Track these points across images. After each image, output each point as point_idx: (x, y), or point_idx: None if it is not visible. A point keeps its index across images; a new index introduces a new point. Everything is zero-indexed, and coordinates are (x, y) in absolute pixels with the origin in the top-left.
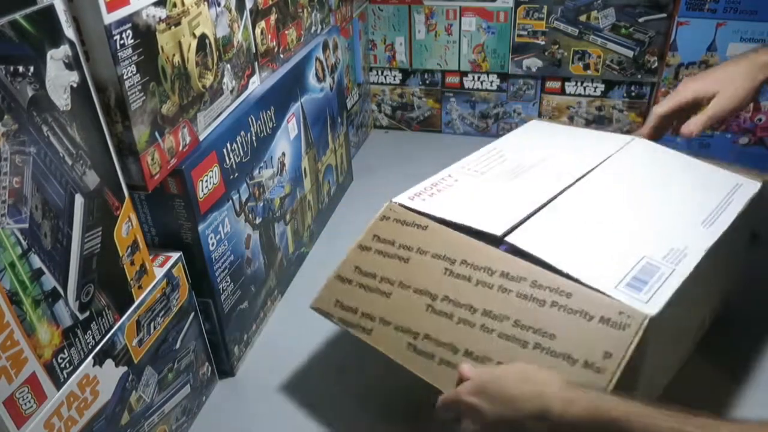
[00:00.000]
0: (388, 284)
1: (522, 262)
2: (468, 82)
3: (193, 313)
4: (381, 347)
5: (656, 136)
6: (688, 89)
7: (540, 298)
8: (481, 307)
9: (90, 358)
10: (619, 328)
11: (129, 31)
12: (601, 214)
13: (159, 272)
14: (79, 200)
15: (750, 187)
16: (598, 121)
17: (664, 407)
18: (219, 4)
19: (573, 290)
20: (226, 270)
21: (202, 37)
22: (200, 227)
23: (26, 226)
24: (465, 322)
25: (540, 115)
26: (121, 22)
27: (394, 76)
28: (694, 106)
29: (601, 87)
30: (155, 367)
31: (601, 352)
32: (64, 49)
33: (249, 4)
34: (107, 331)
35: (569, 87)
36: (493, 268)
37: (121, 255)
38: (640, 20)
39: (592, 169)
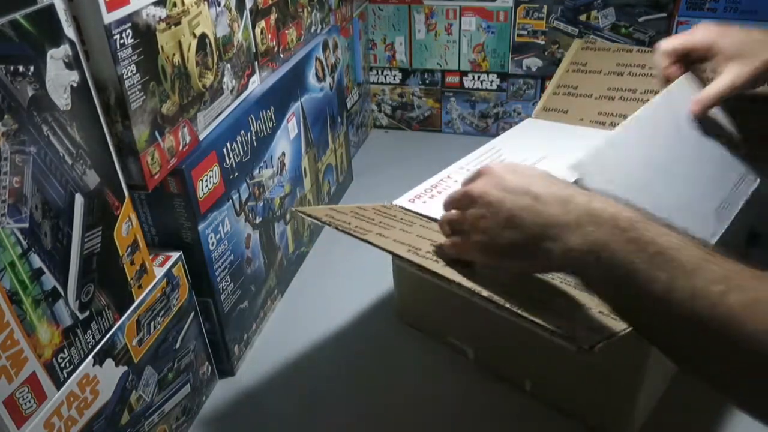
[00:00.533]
0: (387, 228)
1: None
2: (468, 82)
3: (193, 313)
4: (376, 243)
5: (673, 75)
6: (706, 35)
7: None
8: None
9: (90, 357)
10: None
11: (129, 31)
12: None
13: (159, 272)
14: (79, 200)
15: (750, 181)
16: None
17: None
18: (219, 4)
19: None
20: (226, 269)
21: (202, 37)
22: (200, 227)
23: (26, 225)
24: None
25: None
26: (121, 22)
27: (394, 76)
28: (701, 59)
29: None
30: (155, 367)
31: None
32: (64, 49)
33: (249, 4)
34: (107, 331)
35: None
36: None
37: (121, 255)
38: (640, 20)
39: None
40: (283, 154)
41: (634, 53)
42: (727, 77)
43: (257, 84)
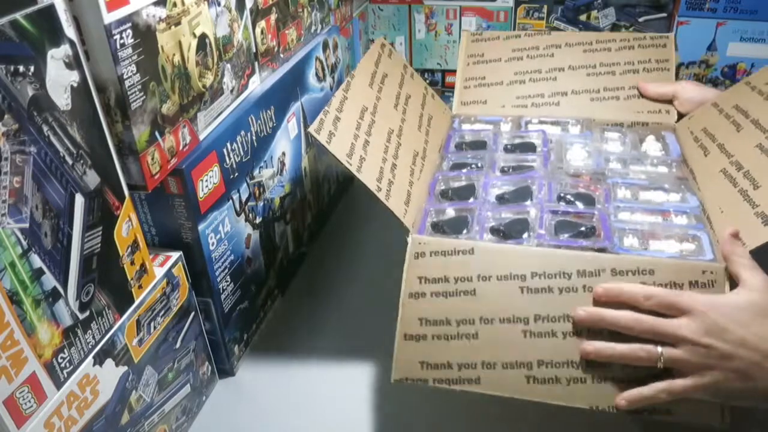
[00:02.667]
0: (469, 325)
1: (589, 254)
2: None
3: (193, 313)
4: (498, 392)
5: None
6: (687, 97)
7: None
8: None
9: (90, 357)
10: (709, 286)
11: (129, 31)
12: None
13: (159, 272)
14: (79, 200)
15: None
16: None
17: None
18: (219, 4)
19: (653, 266)
20: (226, 269)
21: (202, 37)
22: (200, 227)
23: (26, 225)
24: (571, 334)
25: None
26: (121, 22)
27: None
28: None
29: None
30: (155, 367)
31: None
32: (64, 49)
33: (249, 4)
34: (107, 331)
35: None
36: (566, 270)
37: (121, 255)
38: (641, 20)
39: None
40: (284, 154)
41: (523, 38)
42: None
43: (257, 84)
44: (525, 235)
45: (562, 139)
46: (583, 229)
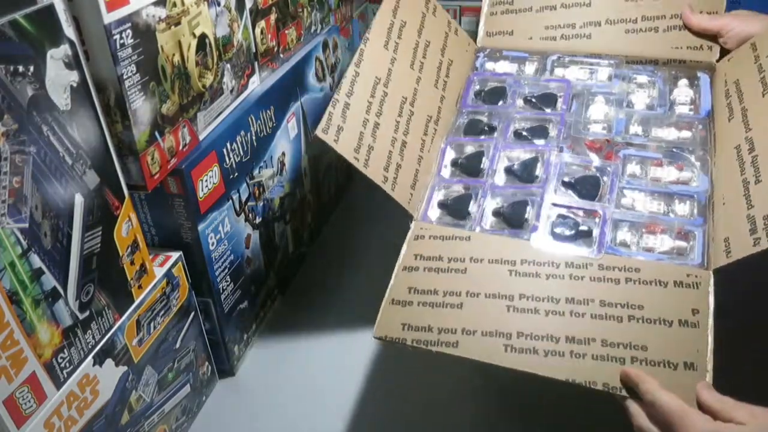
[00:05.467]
0: (455, 296)
1: (583, 250)
2: None
3: (193, 313)
4: (474, 356)
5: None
6: (732, 34)
7: (613, 278)
8: (562, 297)
9: (90, 357)
10: (694, 288)
11: (129, 31)
12: None
13: (159, 272)
14: (79, 200)
15: None
16: None
17: None
18: (219, 4)
19: (640, 265)
20: (226, 269)
21: (202, 37)
22: (200, 227)
23: (26, 225)
24: (553, 313)
25: None
26: (120, 22)
27: None
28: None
29: None
30: (155, 367)
31: (689, 310)
32: (64, 49)
33: (249, 4)
34: (107, 331)
35: None
36: (555, 261)
37: (121, 255)
38: None
39: None
40: (283, 154)
41: None
42: None
43: (257, 84)
44: (523, 225)
45: (586, 89)
46: (581, 229)
